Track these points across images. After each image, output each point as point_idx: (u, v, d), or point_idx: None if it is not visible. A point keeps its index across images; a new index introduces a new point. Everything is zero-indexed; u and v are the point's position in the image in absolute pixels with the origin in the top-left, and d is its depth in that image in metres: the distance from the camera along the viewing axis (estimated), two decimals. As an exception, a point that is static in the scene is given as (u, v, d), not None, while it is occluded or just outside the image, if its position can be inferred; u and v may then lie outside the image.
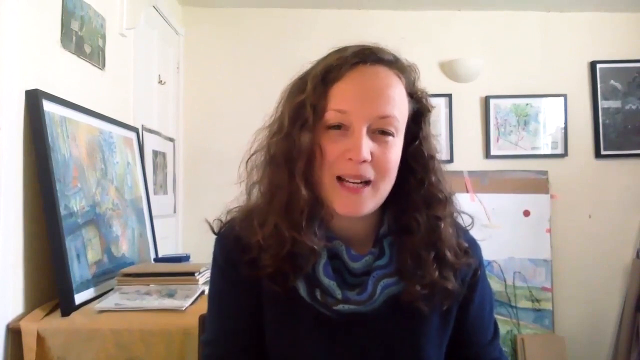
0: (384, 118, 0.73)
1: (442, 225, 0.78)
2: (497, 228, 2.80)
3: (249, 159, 0.82)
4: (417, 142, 0.79)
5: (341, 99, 0.73)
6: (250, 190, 0.82)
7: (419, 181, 0.79)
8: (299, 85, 0.78)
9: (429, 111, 0.81)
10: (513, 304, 2.79)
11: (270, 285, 0.77)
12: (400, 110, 0.75)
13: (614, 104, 2.90)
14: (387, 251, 0.79)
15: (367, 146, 0.72)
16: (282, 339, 0.81)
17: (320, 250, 0.76)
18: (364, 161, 0.72)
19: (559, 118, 2.89)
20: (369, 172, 0.73)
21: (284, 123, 0.77)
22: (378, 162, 0.73)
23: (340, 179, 0.74)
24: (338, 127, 0.74)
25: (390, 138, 0.74)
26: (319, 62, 0.79)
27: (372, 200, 0.75)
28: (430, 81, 0.82)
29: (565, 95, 2.89)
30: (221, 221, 0.86)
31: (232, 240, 0.81)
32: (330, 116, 0.74)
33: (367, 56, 0.75)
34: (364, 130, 0.72)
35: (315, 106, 0.74)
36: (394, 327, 0.80)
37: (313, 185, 0.75)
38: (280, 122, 0.79)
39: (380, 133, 0.74)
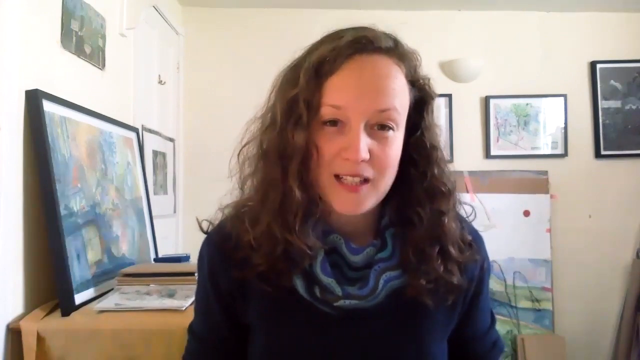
0: (383, 112, 0.68)
1: (446, 220, 0.74)
2: (497, 228, 2.80)
3: (240, 151, 0.77)
4: (419, 133, 0.74)
5: (336, 93, 0.68)
6: (244, 183, 0.78)
7: (421, 173, 0.75)
8: (292, 77, 0.73)
9: (432, 99, 0.76)
10: (513, 304, 2.79)
11: (261, 284, 0.74)
12: (400, 101, 0.70)
13: (614, 104, 2.90)
14: (389, 243, 0.75)
15: (365, 144, 0.67)
16: (278, 337, 0.77)
17: (315, 252, 0.72)
18: (362, 160, 0.68)
19: (559, 118, 2.90)
20: (368, 171, 0.69)
21: (277, 118, 0.72)
22: (377, 160, 0.69)
23: (337, 177, 0.70)
24: (334, 122, 0.69)
25: (390, 133, 0.69)
26: (311, 51, 0.73)
27: (371, 197, 0.71)
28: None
29: (565, 95, 2.89)
30: (211, 223, 0.82)
31: (217, 244, 0.79)
32: (326, 112, 0.69)
33: (363, 45, 0.69)
34: (362, 127, 0.68)
35: (309, 101, 0.69)
36: (397, 323, 0.76)
37: (308, 184, 0.71)
38: (273, 115, 0.74)
39: (379, 128, 0.69)
